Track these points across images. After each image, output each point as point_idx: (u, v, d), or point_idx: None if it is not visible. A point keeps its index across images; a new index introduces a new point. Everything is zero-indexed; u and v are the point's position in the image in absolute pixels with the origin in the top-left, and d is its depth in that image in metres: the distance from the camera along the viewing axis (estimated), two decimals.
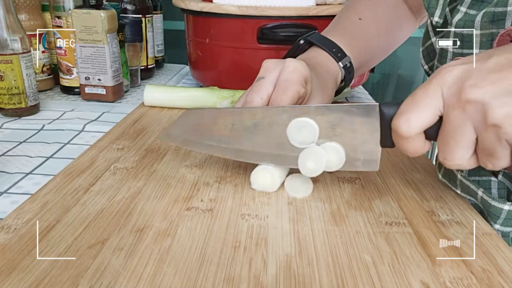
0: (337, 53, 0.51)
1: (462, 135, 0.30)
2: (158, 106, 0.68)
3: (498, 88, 0.28)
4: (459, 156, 0.31)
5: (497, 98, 0.28)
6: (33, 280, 0.29)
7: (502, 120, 0.28)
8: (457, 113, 0.30)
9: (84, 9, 0.69)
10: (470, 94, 0.29)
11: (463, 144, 0.31)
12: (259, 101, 0.42)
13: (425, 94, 0.32)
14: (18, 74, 0.64)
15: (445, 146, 0.32)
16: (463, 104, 0.29)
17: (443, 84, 0.31)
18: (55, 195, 0.39)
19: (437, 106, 0.31)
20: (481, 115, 0.29)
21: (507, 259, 0.32)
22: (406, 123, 0.32)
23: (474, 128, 0.30)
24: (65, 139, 0.59)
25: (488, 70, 0.29)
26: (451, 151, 0.32)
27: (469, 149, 0.31)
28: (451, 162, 0.32)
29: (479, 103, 0.29)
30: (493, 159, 0.30)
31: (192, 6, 0.77)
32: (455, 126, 0.30)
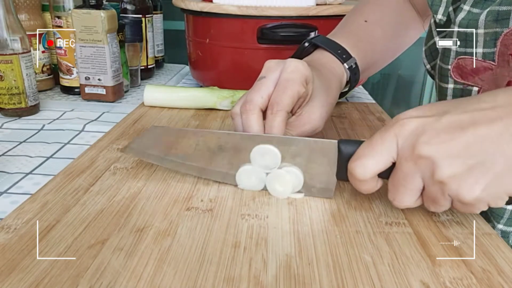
0: (342, 54, 0.52)
1: (411, 183, 0.33)
2: (158, 106, 0.68)
3: (447, 149, 0.31)
4: (406, 199, 0.34)
5: (445, 159, 0.31)
6: (33, 280, 0.29)
7: (448, 178, 0.31)
8: (409, 165, 0.33)
9: (84, 9, 0.69)
10: (422, 151, 0.31)
11: (411, 191, 0.34)
12: (259, 99, 0.42)
13: (381, 142, 0.34)
14: (18, 74, 0.64)
15: (395, 190, 0.35)
16: (415, 158, 0.32)
17: (399, 135, 0.33)
18: (55, 195, 0.39)
19: (391, 154, 0.34)
20: (430, 171, 0.32)
21: (507, 259, 0.32)
22: (361, 167, 0.35)
23: (422, 179, 0.33)
24: (65, 139, 0.59)
25: (441, 128, 0.31)
26: (400, 195, 0.34)
27: (415, 195, 0.34)
28: (399, 203, 0.35)
29: (430, 160, 0.31)
30: (436, 205, 0.34)
31: (192, 6, 0.77)
32: (406, 175, 0.33)
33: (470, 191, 0.31)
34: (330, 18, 0.75)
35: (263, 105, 0.42)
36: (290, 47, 0.75)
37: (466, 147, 0.30)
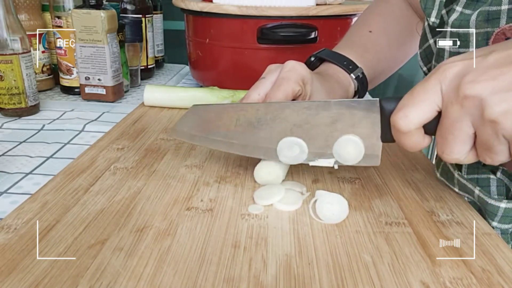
0: (348, 65, 0.52)
1: (460, 130, 0.31)
2: (158, 106, 0.68)
3: (496, 84, 0.28)
4: (457, 150, 0.32)
5: (495, 94, 0.28)
6: (33, 280, 0.29)
7: (500, 116, 0.28)
8: (456, 109, 0.30)
9: (84, 9, 0.69)
10: (468, 90, 0.29)
11: (461, 139, 0.31)
12: (256, 96, 0.44)
13: (423, 90, 0.32)
14: (18, 74, 0.64)
15: (443, 140, 0.32)
16: (461, 99, 0.30)
17: (442, 80, 0.31)
18: (55, 195, 0.39)
19: (436, 101, 0.32)
20: (479, 111, 0.29)
21: (507, 259, 0.32)
22: (404, 118, 0.32)
23: (472, 123, 0.30)
24: (65, 139, 0.59)
25: (487, 66, 0.29)
26: (449, 145, 0.32)
27: (467, 144, 0.31)
28: (449, 156, 0.32)
29: (477, 99, 0.29)
30: (492, 153, 0.31)
31: (192, 6, 0.77)
32: (453, 121, 0.31)
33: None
34: (330, 18, 0.75)
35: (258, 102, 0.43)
36: (290, 47, 0.75)
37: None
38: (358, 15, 0.78)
